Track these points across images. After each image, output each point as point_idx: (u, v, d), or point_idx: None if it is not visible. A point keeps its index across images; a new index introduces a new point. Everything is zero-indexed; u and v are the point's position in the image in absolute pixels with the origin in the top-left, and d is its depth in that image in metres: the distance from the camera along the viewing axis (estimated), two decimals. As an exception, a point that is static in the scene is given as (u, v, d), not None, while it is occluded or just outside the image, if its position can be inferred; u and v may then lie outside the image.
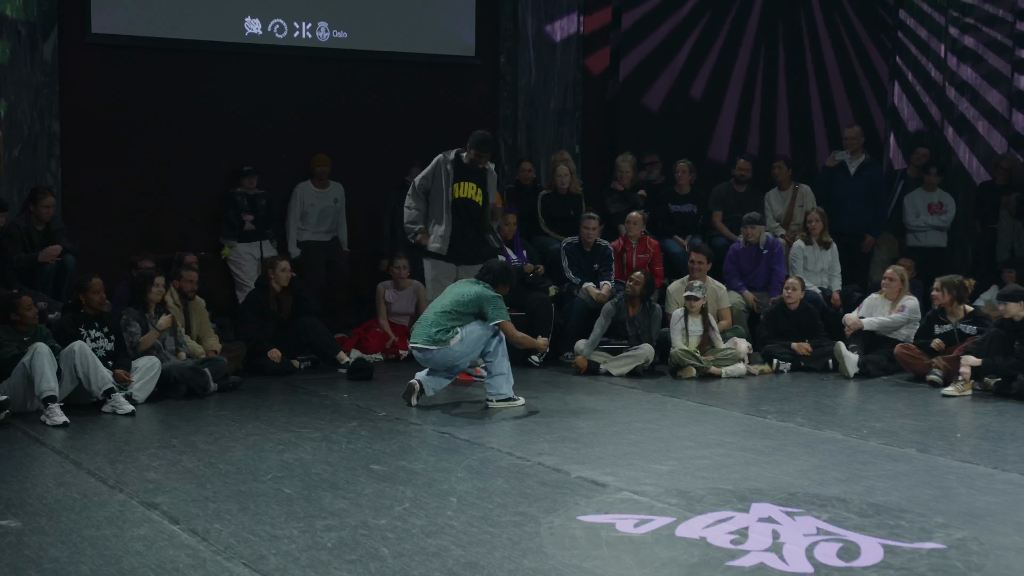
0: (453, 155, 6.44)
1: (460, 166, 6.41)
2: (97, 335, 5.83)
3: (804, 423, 5.44)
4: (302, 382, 6.52)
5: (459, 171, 6.40)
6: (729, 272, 7.72)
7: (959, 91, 9.87)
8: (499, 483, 4.24)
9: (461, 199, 6.41)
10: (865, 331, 7.02)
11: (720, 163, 9.34)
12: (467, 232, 6.42)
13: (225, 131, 7.95)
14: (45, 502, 3.97)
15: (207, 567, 3.28)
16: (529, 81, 8.81)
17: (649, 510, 3.86)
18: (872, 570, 3.28)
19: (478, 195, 6.45)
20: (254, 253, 7.69)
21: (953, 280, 6.71)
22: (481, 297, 5.73)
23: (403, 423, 5.42)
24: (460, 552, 3.41)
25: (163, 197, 7.78)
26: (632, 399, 6.13)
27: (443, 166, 6.38)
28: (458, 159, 6.43)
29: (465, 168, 6.41)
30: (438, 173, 6.38)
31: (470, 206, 6.45)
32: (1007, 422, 5.52)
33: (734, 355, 6.85)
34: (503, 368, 5.75)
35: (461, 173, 6.41)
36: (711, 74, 9.57)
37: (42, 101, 7.32)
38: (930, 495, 4.10)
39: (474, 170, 6.43)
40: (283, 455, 4.69)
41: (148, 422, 5.46)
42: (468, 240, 6.43)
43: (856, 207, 8.37)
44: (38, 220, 6.68)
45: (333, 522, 3.70)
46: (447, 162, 6.39)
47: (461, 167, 6.41)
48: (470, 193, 6.44)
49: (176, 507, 3.88)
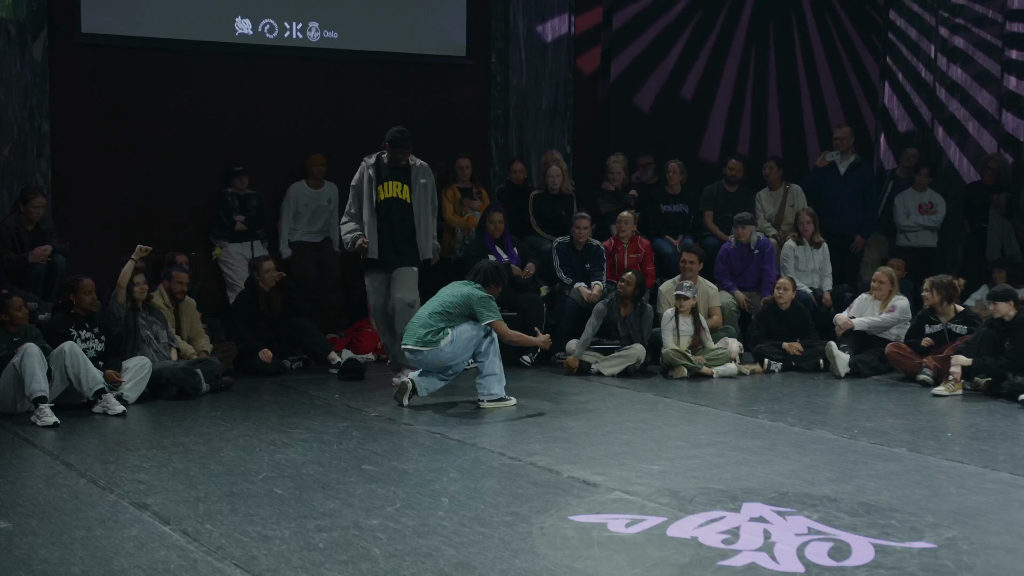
0: (374, 158, 6.29)
1: (382, 167, 6.23)
2: (87, 335, 5.81)
3: (795, 423, 5.45)
4: (293, 382, 6.50)
5: (381, 172, 6.21)
6: (720, 272, 7.73)
7: (949, 91, 9.92)
8: (491, 483, 4.24)
9: (387, 200, 6.21)
10: (856, 331, 7.04)
11: (711, 163, 9.36)
12: (396, 233, 6.21)
13: (216, 131, 7.92)
14: (35, 503, 3.95)
15: (198, 568, 3.27)
16: (520, 81, 8.80)
17: (641, 510, 3.86)
18: (863, 569, 3.29)
19: (404, 192, 6.26)
20: (245, 253, 7.66)
21: (942, 280, 6.74)
22: (471, 298, 5.72)
23: (395, 423, 5.41)
24: (452, 552, 3.40)
25: (154, 197, 7.74)
26: (623, 399, 6.14)
27: (366, 171, 6.25)
28: (379, 160, 6.25)
29: (387, 168, 6.22)
30: (362, 178, 6.24)
31: (399, 205, 6.23)
32: (997, 421, 5.54)
33: (725, 355, 6.86)
34: (495, 368, 5.73)
35: (384, 173, 6.21)
36: (702, 74, 9.58)
37: (32, 101, 7.29)
38: (921, 494, 4.11)
39: (397, 168, 6.23)
40: (274, 456, 4.67)
41: (139, 423, 5.44)
42: (398, 242, 6.22)
43: (846, 207, 8.39)
44: (28, 220, 6.64)
45: (324, 523, 3.70)
46: (368, 166, 6.26)
47: (383, 167, 6.22)
48: (396, 192, 6.22)
49: (167, 508, 3.86)
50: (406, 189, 6.24)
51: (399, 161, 6.23)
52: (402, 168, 6.25)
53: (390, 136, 6.25)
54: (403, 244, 6.25)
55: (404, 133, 6.24)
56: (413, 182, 6.27)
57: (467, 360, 5.80)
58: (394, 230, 6.22)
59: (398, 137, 6.22)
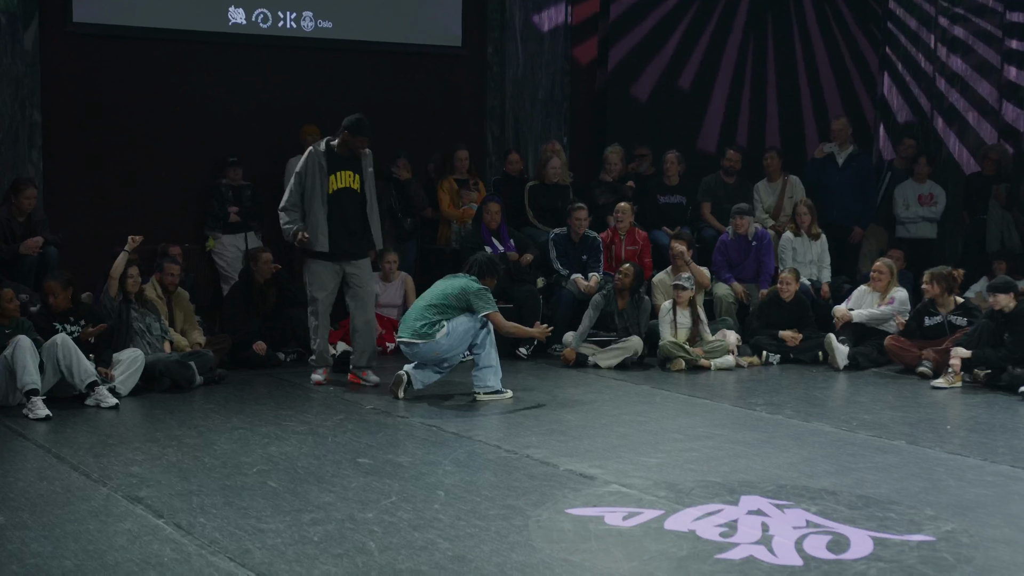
0: (324, 145, 5.99)
1: (333, 155, 5.91)
2: (73, 329, 5.75)
3: (793, 415, 5.43)
4: (288, 375, 6.47)
5: (333, 161, 5.90)
6: (718, 264, 7.70)
7: (949, 82, 9.87)
8: (487, 476, 4.21)
9: (339, 190, 5.91)
10: (855, 323, 7.01)
11: (709, 154, 9.32)
12: (349, 225, 5.93)
13: (209, 122, 7.86)
14: (27, 496, 3.92)
15: (192, 561, 3.24)
16: (516, 71, 8.75)
17: (638, 503, 3.84)
18: (861, 562, 3.27)
19: (356, 182, 5.93)
20: (239, 245, 7.62)
21: (942, 271, 6.71)
22: (466, 290, 5.67)
23: (390, 416, 5.38)
24: (447, 546, 3.38)
25: (147, 188, 7.69)
26: (621, 391, 6.11)
27: (316, 159, 5.89)
28: (329, 149, 5.91)
29: (339, 157, 5.91)
30: (312, 167, 5.96)
31: (350, 195, 5.94)
32: (997, 414, 5.52)
33: (723, 347, 6.83)
34: (491, 360, 5.70)
35: (336, 162, 5.90)
36: (700, 64, 9.53)
37: (23, 91, 7.23)
38: (920, 487, 4.09)
39: (349, 157, 5.93)
40: (268, 448, 4.64)
41: (132, 415, 5.40)
42: (351, 234, 5.94)
43: (844, 198, 8.35)
44: (19, 212, 6.59)
45: (319, 516, 3.67)
46: (319, 154, 5.89)
47: (334, 156, 5.91)
48: (348, 182, 5.92)
49: (160, 501, 3.84)
50: (358, 179, 5.97)
51: (356, 150, 5.96)
52: (355, 158, 5.98)
53: (351, 123, 5.94)
54: (356, 235, 6.00)
55: (365, 121, 5.96)
56: (364, 171, 6.01)
57: (463, 353, 5.77)
58: (347, 221, 5.96)
59: (360, 125, 5.90)
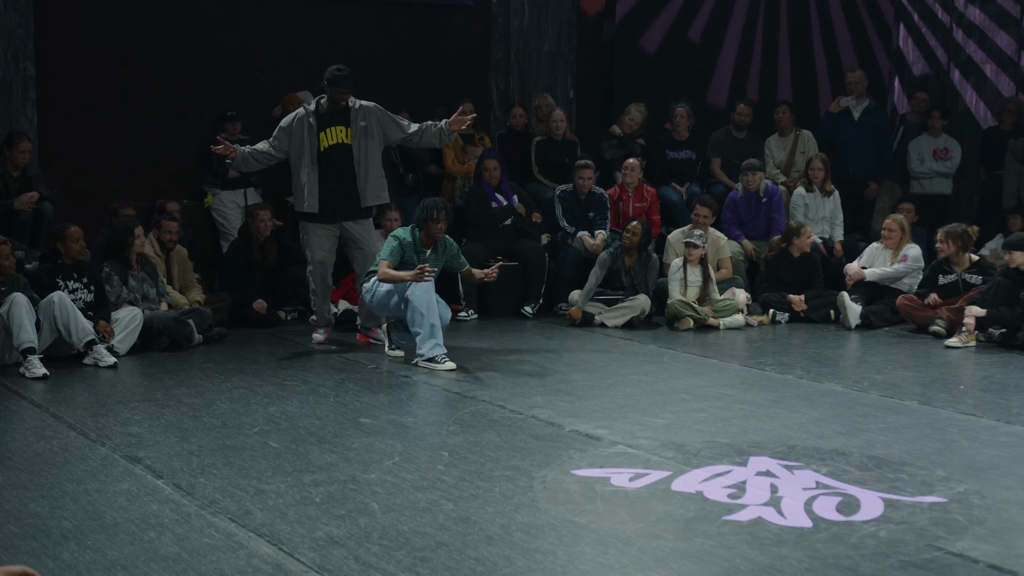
0: (314, 104, 5.77)
1: (322, 113, 5.73)
2: (76, 286, 5.68)
3: (804, 375, 5.35)
4: (288, 334, 6.41)
5: (322, 118, 5.72)
6: (727, 221, 7.57)
7: (966, 33, 9.61)
8: (491, 437, 4.15)
9: (330, 147, 5.73)
10: (867, 281, 6.90)
11: (719, 108, 9.13)
12: (342, 183, 5.74)
13: (208, 74, 7.71)
14: (25, 456, 3.88)
15: (192, 522, 3.21)
16: (522, 23, 8.54)
17: (645, 464, 3.79)
18: (872, 524, 3.22)
19: (348, 137, 5.73)
20: (238, 201, 7.50)
21: (956, 229, 6.58)
22: (387, 241, 5.50)
23: (392, 376, 5.32)
24: (451, 507, 3.33)
25: (143, 142, 7.57)
26: (628, 351, 6.03)
27: (305, 119, 5.72)
28: (318, 106, 5.76)
29: (329, 113, 5.73)
30: (299, 128, 5.71)
31: (342, 151, 5.75)
32: (1011, 374, 5.44)
33: (732, 306, 6.73)
34: (417, 323, 5.29)
35: (325, 119, 5.72)
36: (710, 16, 9.31)
37: (16, 43, 7.07)
38: (932, 448, 4.03)
39: (338, 111, 5.74)
40: (269, 408, 4.59)
41: (130, 374, 5.35)
42: (343, 193, 5.75)
43: (860, 154, 8.20)
44: (13, 166, 6.48)
45: (321, 476, 3.63)
46: (308, 114, 5.73)
47: (324, 114, 5.73)
48: (340, 137, 5.73)
49: (160, 461, 3.80)
50: (349, 133, 5.79)
51: (338, 103, 5.76)
52: (342, 111, 5.80)
53: (328, 75, 5.75)
54: (348, 193, 5.81)
55: (343, 71, 5.75)
56: (353, 124, 5.80)
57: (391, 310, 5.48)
58: (341, 179, 5.78)
59: (337, 76, 5.70)
